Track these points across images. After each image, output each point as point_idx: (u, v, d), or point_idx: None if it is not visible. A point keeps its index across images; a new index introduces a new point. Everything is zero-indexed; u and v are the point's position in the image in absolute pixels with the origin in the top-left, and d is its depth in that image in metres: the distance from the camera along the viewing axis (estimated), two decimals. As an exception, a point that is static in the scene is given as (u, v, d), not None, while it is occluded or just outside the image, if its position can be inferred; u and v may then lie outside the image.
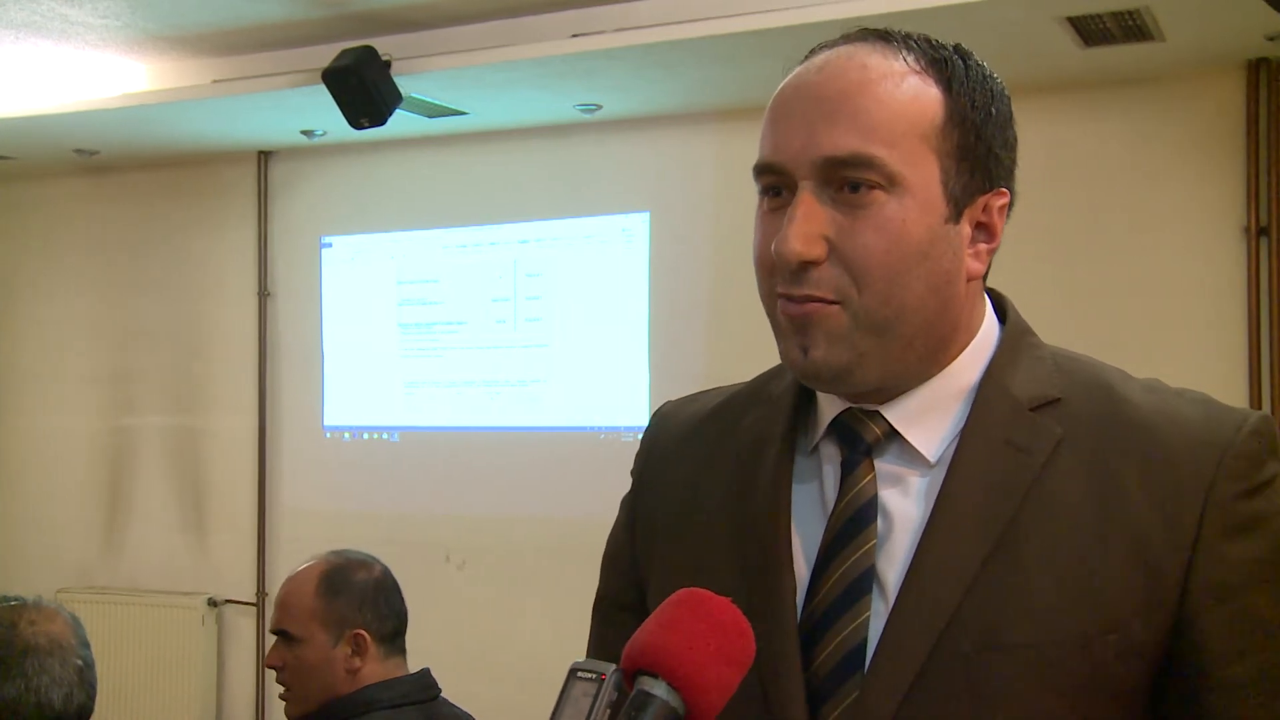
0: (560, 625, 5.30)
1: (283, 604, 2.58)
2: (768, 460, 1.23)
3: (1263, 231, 4.26)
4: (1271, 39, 4.02)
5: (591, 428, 5.24)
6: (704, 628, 0.97)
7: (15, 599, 2.21)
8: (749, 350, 5.53)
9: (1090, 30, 3.93)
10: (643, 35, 4.17)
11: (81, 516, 6.15)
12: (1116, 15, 3.80)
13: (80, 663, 2.12)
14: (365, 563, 2.67)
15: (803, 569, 1.18)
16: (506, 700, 5.28)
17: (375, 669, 2.55)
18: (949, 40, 1.21)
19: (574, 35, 4.26)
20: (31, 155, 5.91)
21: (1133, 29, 3.91)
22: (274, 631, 2.59)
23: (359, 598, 2.56)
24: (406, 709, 2.52)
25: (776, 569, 1.18)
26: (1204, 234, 4.36)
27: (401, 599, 2.67)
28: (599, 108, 5.00)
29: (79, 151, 5.84)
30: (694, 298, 5.11)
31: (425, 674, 2.63)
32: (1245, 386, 4.24)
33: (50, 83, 5.05)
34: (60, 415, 6.32)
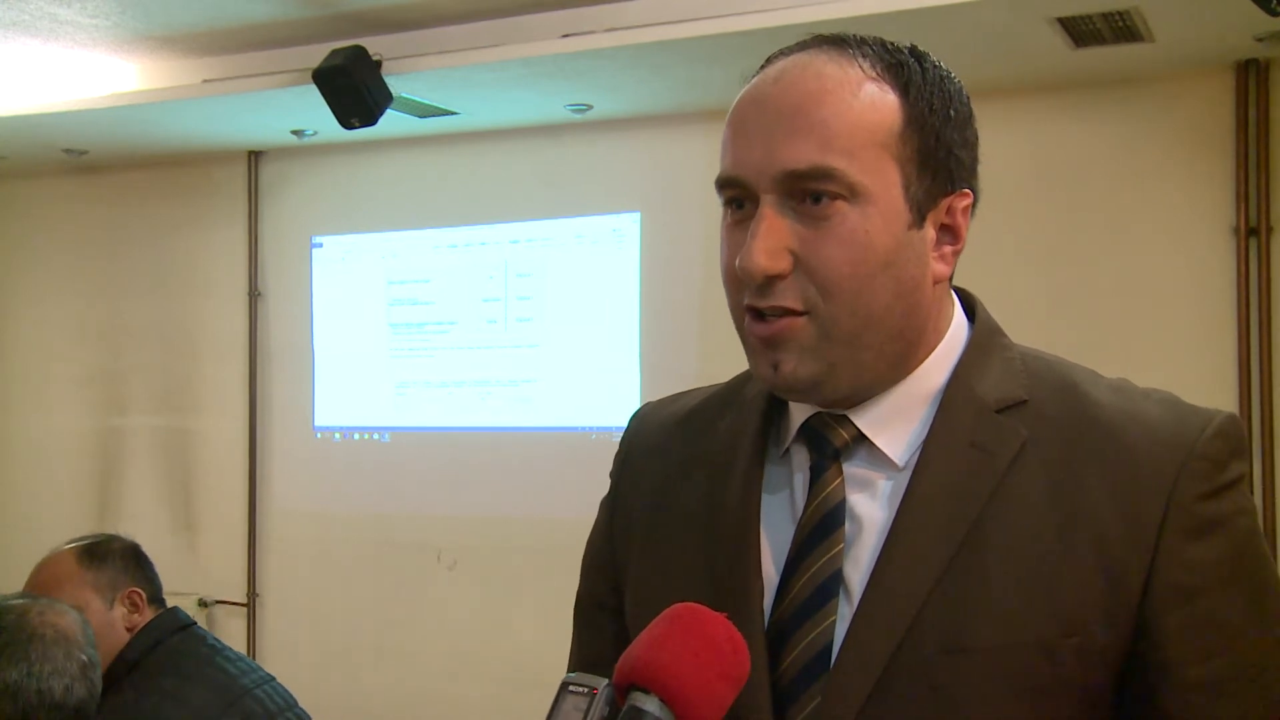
0: (551, 625, 5.30)
1: (47, 584, 2.61)
2: (739, 465, 1.24)
3: (1252, 232, 4.27)
4: (1260, 40, 4.03)
5: (582, 428, 5.24)
6: (698, 644, 0.97)
7: (29, 597, 2.23)
8: (739, 350, 5.54)
9: (1080, 31, 3.94)
10: (633, 36, 4.17)
11: (71, 517, 6.13)
12: (1107, 16, 3.81)
13: (84, 659, 2.13)
14: (113, 536, 2.78)
15: (772, 573, 1.18)
16: (497, 700, 5.29)
17: None
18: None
19: (564, 35, 4.26)
20: (20, 155, 5.90)
21: (1123, 30, 3.92)
22: None
23: (123, 562, 2.68)
24: (189, 628, 2.69)
25: (744, 573, 1.18)
26: (1193, 234, 4.37)
27: (154, 567, 2.78)
28: (589, 108, 5.00)
29: (68, 151, 5.83)
30: (685, 298, 5.11)
31: (175, 607, 2.76)
32: (1235, 387, 4.25)
33: (39, 82, 5.04)
34: (50, 415, 6.31)
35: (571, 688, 0.95)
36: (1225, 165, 4.32)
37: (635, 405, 5.45)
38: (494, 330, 5.42)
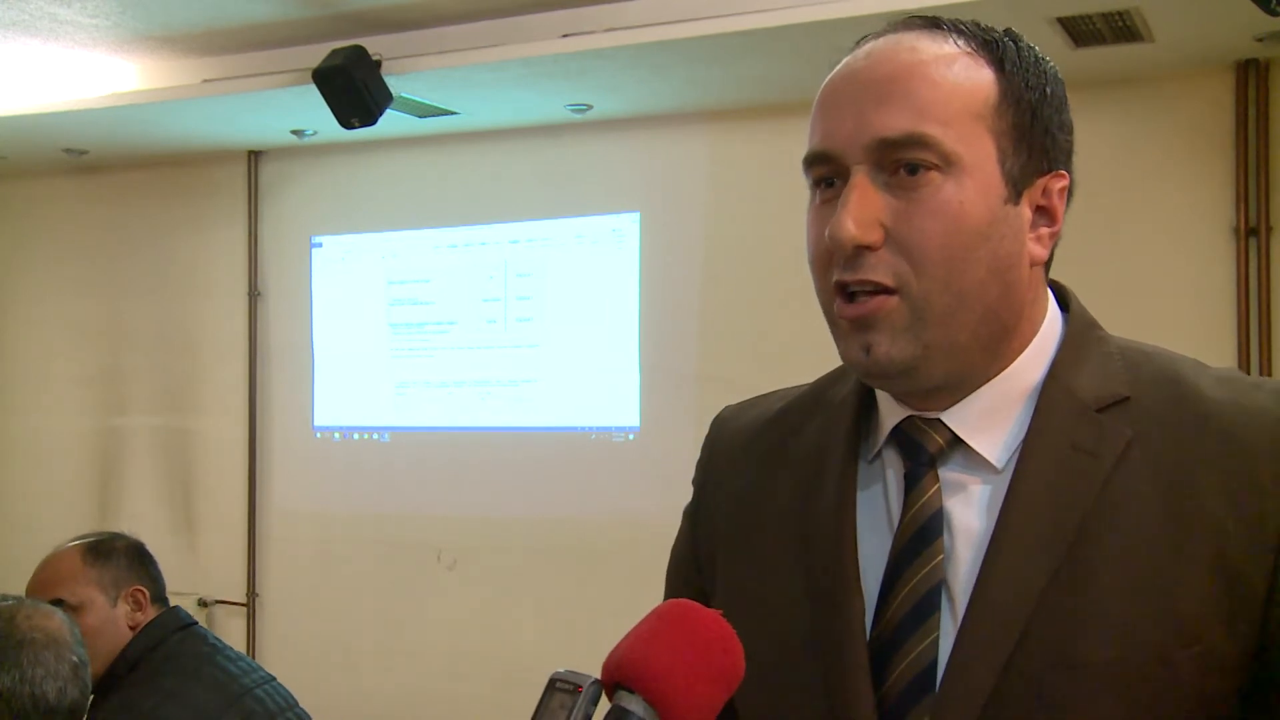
0: (550, 624, 5.32)
1: (50, 580, 2.64)
2: (830, 472, 1.19)
3: (1252, 232, 4.27)
4: (1260, 40, 4.03)
5: (582, 428, 5.23)
6: (686, 643, 0.94)
7: (13, 598, 2.22)
8: (739, 350, 5.52)
9: (1080, 31, 3.94)
10: (633, 36, 4.17)
11: (71, 517, 6.13)
12: (1106, 16, 3.81)
13: (75, 659, 2.13)
14: (118, 534, 2.79)
15: (869, 583, 1.14)
16: (496, 699, 5.28)
17: None
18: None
19: (564, 35, 4.26)
20: (20, 154, 5.90)
21: (1123, 30, 3.92)
22: None
23: (127, 560, 2.69)
24: (191, 628, 2.71)
25: (845, 589, 1.14)
26: (1193, 234, 4.37)
27: (157, 566, 2.79)
28: (589, 108, 5.00)
29: (68, 151, 5.83)
30: (684, 298, 5.11)
31: (177, 606, 2.79)
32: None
33: (39, 82, 5.04)
34: (50, 416, 6.31)
35: (559, 684, 0.94)
36: (1225, 165, 4.32)
37: (635, 405, 5.44)
38: (494, 330, 5.42)
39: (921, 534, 1.12)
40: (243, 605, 5.88)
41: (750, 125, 4.91)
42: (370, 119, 4.51)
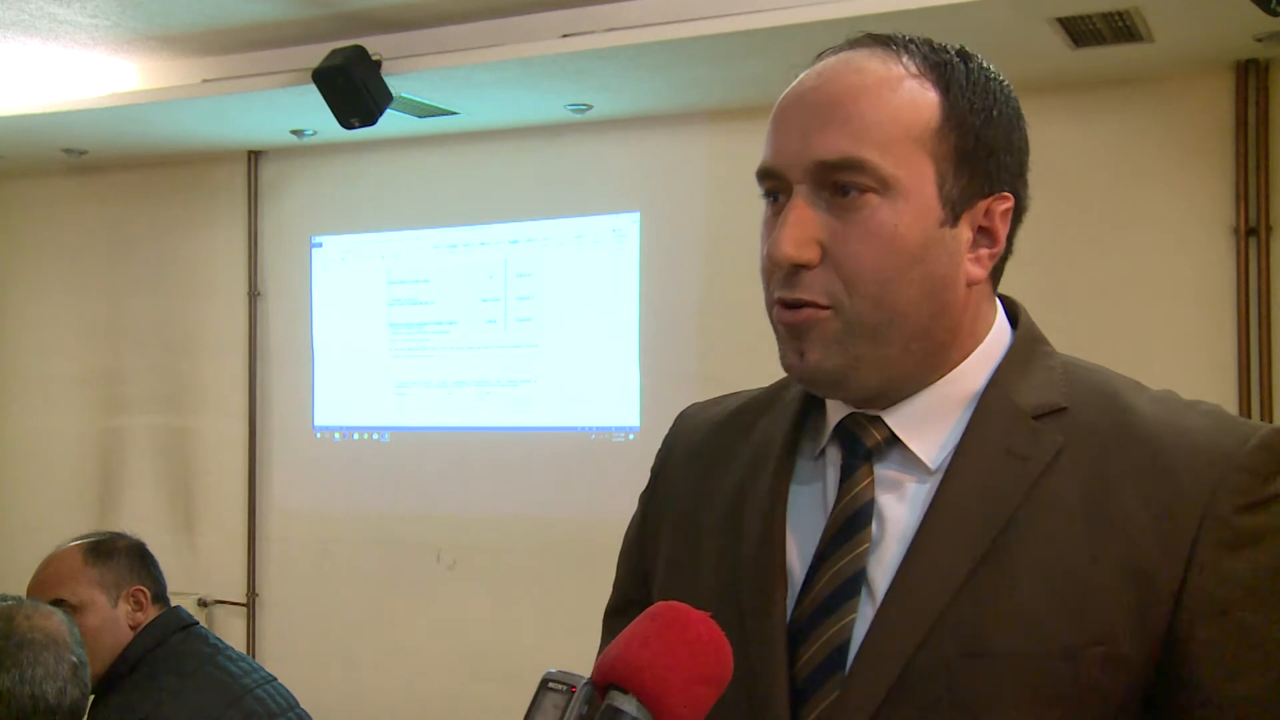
0: (550, 624, 5.32)
1: (51, 580, 2.64)
2: (768, 466, 1.24)
3: (1251, 232, 4.27)
4: (1260, 40, 4.03)
5: (582, 428, 5.24)
6: (679, 644, 0.96)
7: (13, 598, 2.22)
8: (739, 350, 5.52)
9: (1080, 31, 3.94)
10: (633, 35, 4.17)
11: (71, 517, 6.13)
12: (1106, 16, 3.81)
13: (75, 659, 2.13)
14: (120, 534, 2.79)
15: (797, 570, 1.18)
16: (495, 699, 5.28)
17: None
18: (947, 41, 1.20)
19: (564, 35, 4.26)
20: (20, 154, 5.90)
21: (1122, 30, 3.92)
22: None
23: (128, 560, 2.70)
24: (191, 628, 2.71)
25: (768, 569, 1.18)
26: (1193, 235, 4.37)
27: (159, 566, 2.80)
28: (589, 108, 5.00)
29: (68, 151, 5.83)
30: (684, 298, 5.11)
31: (178, 606, 2.79)
32: (1235, 388, 4.25)
33: (39, 82, 5.04)
34: (49, 416, 6.31)
35: (551, 684, 0.95)
36: (1225, 165, 4.32)
37: (635, 405, 5.44)
38: (494, 330, 5.42)
39: (850, 523, 1.16)
40: (243, 605, 5.88)
41: (750, 125, 4.89)
42: (370, 119, 4.51)
